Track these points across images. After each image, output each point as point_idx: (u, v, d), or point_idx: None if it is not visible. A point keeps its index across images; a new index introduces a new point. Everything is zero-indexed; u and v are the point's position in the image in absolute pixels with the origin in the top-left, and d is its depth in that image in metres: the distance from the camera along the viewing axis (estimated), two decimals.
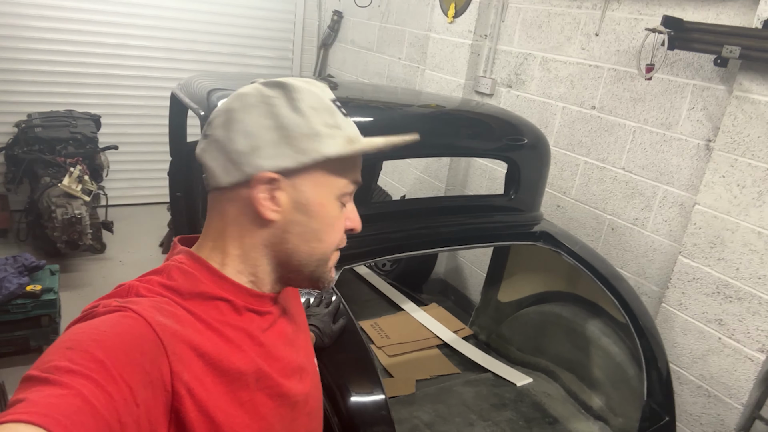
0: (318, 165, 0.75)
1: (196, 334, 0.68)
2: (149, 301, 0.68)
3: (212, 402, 0.66)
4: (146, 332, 0.62)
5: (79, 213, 3.29)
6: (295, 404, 0.81)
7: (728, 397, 2.17)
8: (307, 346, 0.93)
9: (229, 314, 0.75)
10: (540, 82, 2.98)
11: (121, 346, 0.58)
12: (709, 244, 2.19)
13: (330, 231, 0.79)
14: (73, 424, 0.48)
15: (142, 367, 0.59)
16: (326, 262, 0.80)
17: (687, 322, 2.28)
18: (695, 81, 2.30)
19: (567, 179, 2.87)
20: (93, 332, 0.58)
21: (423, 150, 2.21)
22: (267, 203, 0.75)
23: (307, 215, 0.76)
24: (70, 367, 0.53)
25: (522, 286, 2.48)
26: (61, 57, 4.07)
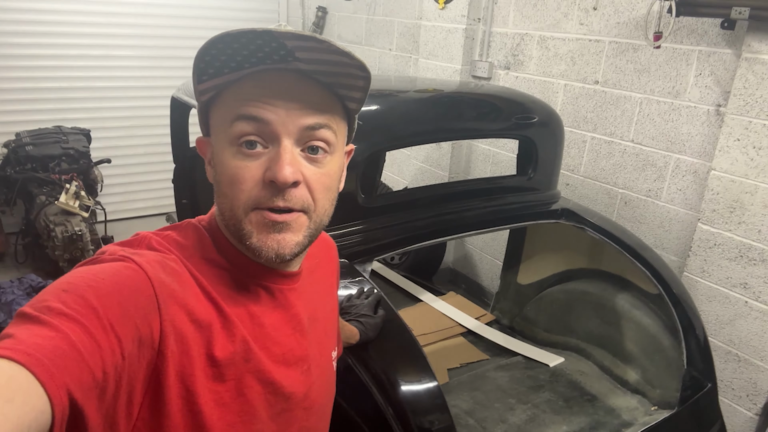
0: (210, 117, 0.72)
1: (194, 299, 0.66)
2: (156, 256, 0.66)
3: (192, 371, 0.64)
4: (144, 287, 0.61)
5: (79, 230, 3.21)
6: (290, 395, 0.77)
7: (759, 359, 2.17)
8: (324, 340, 0.88)
9: (234, 287, 0.72)
10: (539, 61, 2.96)
11: (116, 297, 0.57)
12: (728, 208, 2.19)
13: (229, 183, 0.68)
14: (55, 366, 0.48)
15: (133, 321, 0.57)
16: (239, 220, 0.69)
17: (711, 289, 2.27)
18: (700, 47, 2.29)
19: (575, 156, 2.85)
20: (91, 278, 0.58)
21: (433, 136, 2.18)
22: (208, 167, 0.75)
23: (214, 168, 0.72)
24: (63, 309, 0.52)
25: (542, 266, 2.46)
26: (45, 73, 3.96)
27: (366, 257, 1.62)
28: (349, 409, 1.36)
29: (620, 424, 1.84)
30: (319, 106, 0.69)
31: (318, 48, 0.65)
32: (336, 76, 0.69)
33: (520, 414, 1.86)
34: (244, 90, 0.67)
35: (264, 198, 0.67)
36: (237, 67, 0.65)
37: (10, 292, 2.45)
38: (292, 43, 0.64)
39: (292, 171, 0.66)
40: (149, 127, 4.42)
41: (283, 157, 0.66)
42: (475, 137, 3.16)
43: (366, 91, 0.72)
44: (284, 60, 0.66)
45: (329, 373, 0.90)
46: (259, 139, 0.67)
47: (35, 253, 3.64)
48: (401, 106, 1.89)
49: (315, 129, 0.69)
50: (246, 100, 0.67)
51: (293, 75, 0.68)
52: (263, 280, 0.75)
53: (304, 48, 0.65)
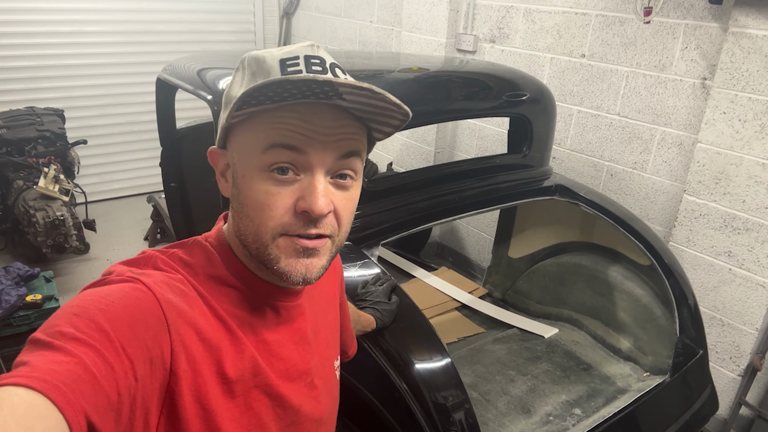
0: (235, 134, 0.71)
1: (202, 318, 0.67)
2: (163, 276, 0.67)
3: (206, 390, 0.65)
4: (153, 308, 0.61)
5: (61, 215, 3.14)
6: (298, 408, 0.78)
7: (742, 324, 2.27)
8: (326, 351, 0.89)
9: (240, 304, 0.73)
10: (525, 34, 2.96)
11: (127, 319, 0.58)
12: (713, 180, 2.26)
13: (258, 208, 0.68)
14: (72, 391, 0.49)
15: (144, 343, 0.58)
16: (265, 245, 0.69)
17: (696, 257, 2.36)
18: (687, 21, 2.32)
19: (561, 130, 2.89)
20: (101, 301, 0.58)
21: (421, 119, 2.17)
22: (220, 179, 0.76)
23: (237, 188, 0.71)
24: (75, 334, 0.53)
25: (533, 240, 2.51)
26: (14, 51, 3.81)
27: (372, 241, 1.63)
28: (366, 391, 1.40)
29: (616, 391, 1.92)
30: (353, 138, 0.70)
31: (368, 96, 0.65)
32: (374, 115, 0.70)
33: (521, 385, 1.93)
34: (282, 118, 0.66)
35: (295, 226, 0.68)
36: (280, 100, 0.65)
37: (0, 281, 2.40)
38: (345, 89, 0.64)
39: (326, 203, 0.67)
40: (124, 105, 4.30)
41: (318, 189, 0.67)
42: (467, 118, 3.16)
43: (398, 129, 0.73)
44: (328, 97, 0.65)
45: (333, 383, 0.91)
46: (292, 167, 0.67)
47: (15, 240, 3.55)
48: (395, 87, 1.87)
49: (346, 159, 0.69)
50: (284, 128, 0.66)
51: (331, 108, 0.68)
52: (269, 298, 0.76)
53: (353, 93, 0.64)
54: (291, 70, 0.68)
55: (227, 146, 0.73)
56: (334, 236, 0.71)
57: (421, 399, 1.33)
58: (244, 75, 0.71)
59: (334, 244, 0.72)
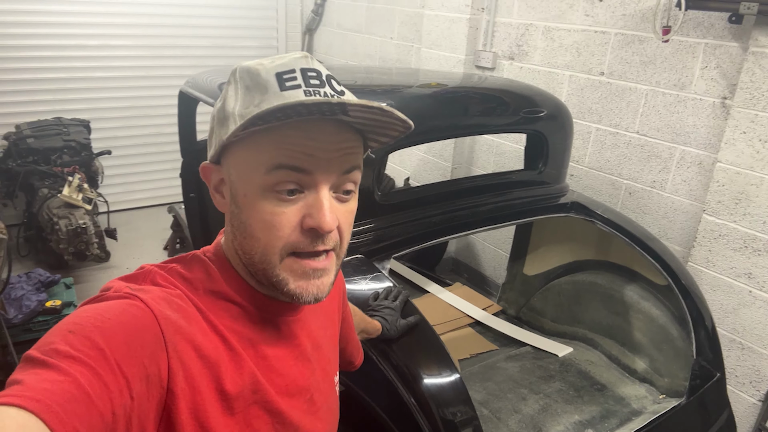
0: (233, 151, 0.69)
1: (201, 335, 0.66)
2: (161, 292, 0.66)
3: (205, 407, 0.64)
4: (150, 325, 0.61)
5: (83, 223, 3.20)
6: (298, 424, 0.77)
7: (762, 347, 2.22)
8: (327, 366, 0.88)
9: (240, 319, 0.72)
10: (543, 51, 2.97)
11: (123, 337, 0.57)
12: (733, 200, 2.22)
13: (264, 227, 0.67)
14: (65, 412, 0.48)
15: (140, 360, 0.57)
16: (273, 265, 0.68)
17: (716, 279, 2.32)
18: (707, 40, 2.30)
19: (579, 147, 2.87)
20: (97, 318, 0.57)
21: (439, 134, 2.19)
22: (215, 194, 0.75)
23: (238, 207, 0.70)
24: (70, 352, 0.52)
25: (549, 257, 2.49)
26: (43, 64, 3.93)
27: (384, 254, 1.64)
28: (374, 404, 1.39)
29: (630, 413, 1.89)
30: (355, 152, 0.70)
31: (375, 113, 0.65)
32: (374, 128, 0.70)
33: (533, 404, 1.90)
34: (284, 137, 0.65)
35: (303, 243, 0.68)
36: (285, 118, 0.64)
37: (20, 287, 2.46)
38: (353, 108, 0.64)
39: (333, 219, 0.67)
40: (148, 117, 4.39)
41: (324, 206, 0.67)
42: (483, 133, 3.17)
43: (396, 139, 0.73)
44: (333, 114, 0.65)
45: (333, 399, 0.90)
46: (298, 186, 0.67)
47: (38, 246, 3.63)
48: (412, 102, 1.89)
49: (349, 172, 0.70)
50: (288, 149, 0.65)
51: (333, 123, 0.67)
52: (270, 314, 0.75)
53: (360, 111, 0.65)
54: (289, 85, 0.66)
55: (222, 162, 0.72)
56: (336, 248, 0.72)
57: (429, 414, 1.32)
58: (237, 89, 0.69)
59: (338, 256, 0.73)
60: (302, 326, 0.81)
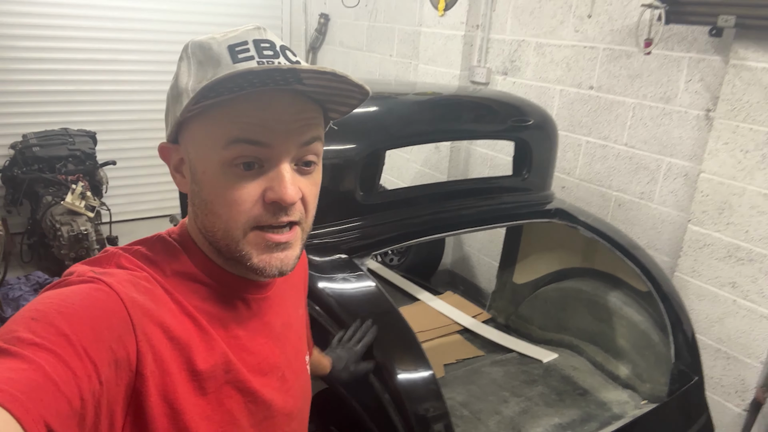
0: (188, 129, 0.68)
1: (169, 316, 0.65)
2: (126, 275, 0.65)
3: (175, 388, 0.64)
4: (116, 308, 0.60)
5: (85, 229, 3.28)
6: (270, 403, 0.77)
7: (747, 357, 2.23)
8: (297, 344, 0.88)
9: (208, 299, 0.72)
10: (536, 67, 3.04)
11: (88, 321, 0.56)
12: (717, 210, 2.26)
13: (224, 203, 0.67)
14: (30, 400, 0.47)
15: (107, 344, 0.56)
16: (236, 240, 0.68)
17: (701, 288, 2.34)
18: (691, 54, 2.36)
19: (570, 160, 2.92)
20: (60, 303, 0.56)
21: (432, 136, 2.25)
22: (175, 175, 0.74)
23: (198, 185, 0.69)
24: (33, 339, 0.51)
25: (537, 266, 2.52)
26: (52, 76, 4.05)
27: (364, 252, 1.68)
28: (350, 398, 1.42)
29: (611, 417, 1.90)
30: (313, 123, 0.70)
31: (330, 79, 0.64)
32: (332, 96, 0.69)
33: (514, 406, 1.92)
34: (240, 111, 0.64)
35: (265, 217, 0.67)
36: (238, 90, 0.62)
37: (18, 288, 2.52)
38: (306, 74, 0.63)
39: (295, 190, 0.67)
40: (153, 131, 4.49)
41: (285, 178, 0.66)
42: (471, 138, 3.24)
43: (355, 107, 0.73)
44: (287, 83, 0.64)
45: (305, 377, 0.90)
46: (257, 159, 0.66)
47: (40, 253, 3.70)
48: (400, 107, 1.96)
49: (309, 143, 0.69)
50: (244, 122, 0.65)
51: (289, 94, 0.66)
52: (239, 291, 0.75)
53: (314, 77, 0.64)
54: (242, 57, 0.65)
55: (180, 140, 0.71)
56: (302, 222, 0.71)
57: (402, 409, 1.35)
58: (190, 64, 0.69)
59: (303, 230, 0.73)
60: (271, 304, 0.81)
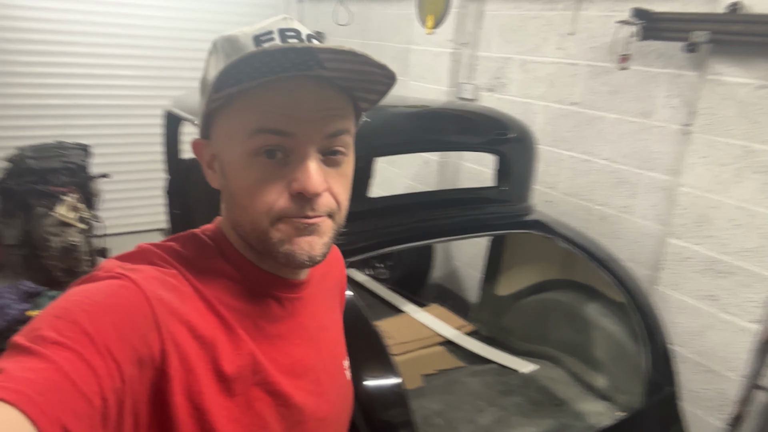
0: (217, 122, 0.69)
1: (196, 314, 0.64)
2: (153, 271, 0.65)
3: (200, 388, 0.62)
4: (141, 305, 0.59)
5: (75, 240, 3.31)
6: (302, 406, 0.74)
7: (727, 370, 2.22)
8: (333, 349, 0.85)
9: (240, 297, 0.70)
10: (520, 83, 3.09)
11: (111, 318, 0.56)
12: (695, 223, 2.27)
13: (249, 194, 0.66)
14: (47, 401, 0.47)
15: (130, 342, 0.56)
16: (265, 231, 0.67)
17: (682, 301, 2.34)
18: (668, 69, 2.40)
19: (554, 174, 2.95)
20: (84, 300, 0.56)
21: (417, 146, 2.29)
22: (207, 171, 0.73)
23: (226, 178, 0.69)
24: (55, 338, 0.51)
25: (519, 278, 2.54)
26: (49, 90, 4.12)
27: None
28: None
29: (585, 428, 1.90)
30: (340, 111, 0.68)
31: (351, 60, 0.62)
32: (358, 82, 0.67)
33: (489, 416, 1.92)
34: (263, 100, 0.64)
35: (291, 209, 0.66)
36: (258, 76, 0.62)
37: (3, 296, 2.54)
38: (325, 55, 0.61)
39: (320, 181, 0.65)
40: (148, 144, 4.53)
41: (310, 168, 0.65)
42: (454, 149, 3.29)
43: (384, 95, 0.71)
44: (309, 68, 0.63)
45: (342, 382, 0.86)
46: (281, 149, 0.65)
47: (32, 264, 3.72)
48: (387, 118, 2.00)
49: (336, 135, 0.67)
50: (267, 111, 0.64)
51: (314, 81, 0.65)
52: (272, 289, 0.74)
53: (335, 59, 0.62)
54: (266, 46, 0.64)
55: (211, 135, 0.71)
56: (333, 215, 0.69)
57: (367, 414, 1.36)
58: (218, 57, 0.69)
59: (335, 222, 0.70)
60: (306, 305, 0.78)
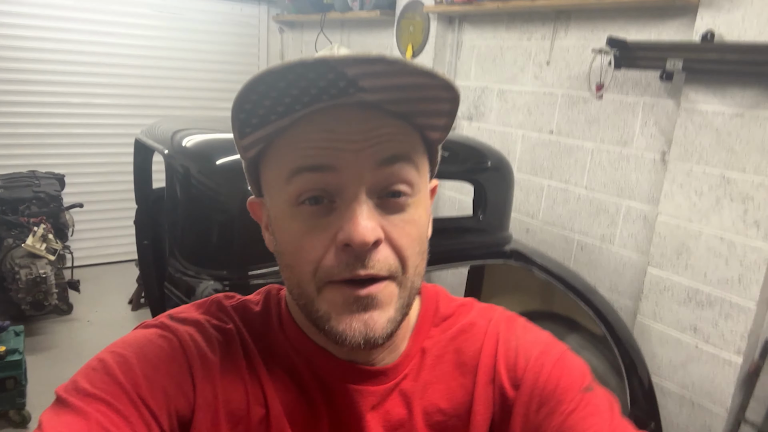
0: (264, 174, 0.60)
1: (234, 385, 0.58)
2: (203, 326, 0.60)
3: None
4: (178, 359, 0.56)
5: (44, 272, 3.20)
6: None
7: (712, 403, 2.17)
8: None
9: (288, 377, 0.60)
10: (498, 112, 3.08)
11: (144, 370, 0.54)
12: (675, 252, 2.24)
13: (293, 251, 0.55)
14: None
15: (164, 394, 0.54)
16: (311, 298, 0.55)
17: (663, 333, 2.29)
18: (645, 98, 2.40)
19: (533, 203, 2.92)
20: (121, 353, 0.55)
21: None
22: (264, 233, 0.63)
23: (274, 236, 0.59)
24: (90, 390, 0.52)
25: None
26: (21, 119, 4.05)
27: None
28: None
29: None
30: (394, 140, 0.54)
31: (388, 72, 0.50)
32: (412, 103, 0.54)
33: None
34: (298, 137, 0.54)
35: (339, 268, 0.52)
36: (286, 111, 0.52)
37: None
38: (353, 71, 0.49)
39: (370, 227, 0.51)
40: (123, 174, 4.44)
41: (357, 212, 0.52)
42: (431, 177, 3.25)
43: (453, 116, 0.57)
44: (345, 93, 0.51)
45: None
46: (325, 194, 0.53)
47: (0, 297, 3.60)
48: None
49: (391, 168, 0.54)
50: (303, 149, 0.53)
51: (357, 108, 0.53)
52: (344, 381, 0.60)
53: (369, 74, 0.50)
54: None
55: (263, 192, 0.61)
56: (396, 276, 0.55)
57: None
58: None
59: (401, 286, 0.56)
60: (397, 402, 0.61)
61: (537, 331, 0.68)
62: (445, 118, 0.56)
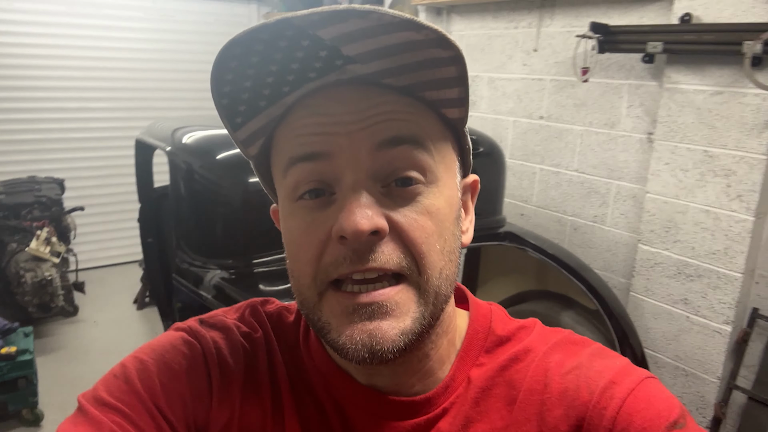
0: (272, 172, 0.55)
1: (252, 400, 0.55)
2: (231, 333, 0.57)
3: None
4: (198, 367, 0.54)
5: (49, 275, 3.26)
6: None
7: (704, 372, 2.24)
8: None
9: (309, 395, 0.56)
10: (489, 100, 3.14)
11: (165, 379, 0.52)
12: (663, 228, 2.32)
13: (292, 251, 0.50)
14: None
15: (183, 402, 0.53)
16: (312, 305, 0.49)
17: (656, 307, 2.37)
18: (629, 80, 2.47)
19: (526, 188, 2.99)
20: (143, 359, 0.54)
21: None
22: None
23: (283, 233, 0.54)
24: (107, 400, 0.51)
25: (496, 291, 2.55)
26: (20, 125, 4.10)
27: None
28: None
29: None
30: (395, 119, 0.47)
31: (367, 30, 0.43)
32: (411, 71, 0.47)
33: None
34: (292, 125, 0.49)
35: (337, 264, 0.46)
36: (274, 94, 0.48)
37: None
38: (328, 34, 0.43)
39: (365, 216, 0.44)
40: (123, 176, 4.51)
41: (351, 199, 0.45)
42: None
43: (464, 83, 0.49)
44: (332, 66, 0.46)
45: None
46: (323, 185, 0.48)
47: (5, 300, 3.66)
48: None
49: (394, 151, 0.47)
50: (296, 137, 0.48)
51: (354, 86, 0.47)
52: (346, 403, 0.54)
53: (347, 37, 0.43)
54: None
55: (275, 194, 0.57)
56: (409, 274, 0.47)
57: None
58: None
59: (419, 289, 0.48)
60: None
61: (609, 358, 0.54)
62: (456, 87, 0.49)
